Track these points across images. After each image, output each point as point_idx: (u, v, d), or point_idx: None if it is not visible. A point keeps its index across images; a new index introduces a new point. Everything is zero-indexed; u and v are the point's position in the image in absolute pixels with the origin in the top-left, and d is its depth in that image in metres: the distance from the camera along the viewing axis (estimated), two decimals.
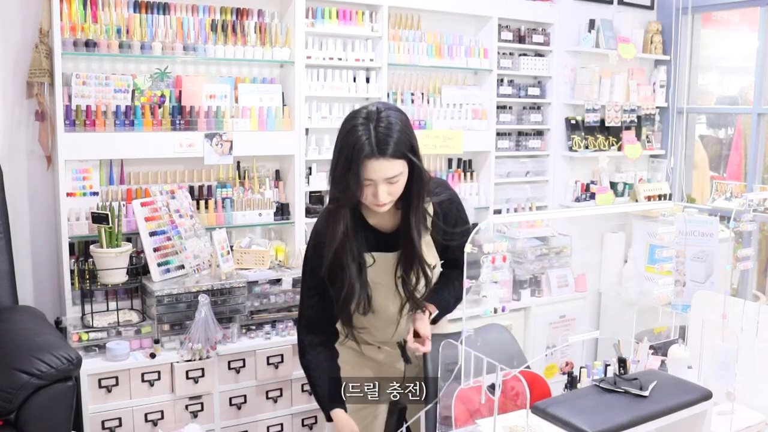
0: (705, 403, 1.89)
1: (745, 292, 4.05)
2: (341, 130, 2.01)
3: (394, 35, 3.75)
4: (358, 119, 1.98)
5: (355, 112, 2.04)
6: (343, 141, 1.98)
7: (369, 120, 1.97)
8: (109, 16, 3.08)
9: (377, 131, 1.95)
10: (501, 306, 1.75)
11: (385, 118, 1.97)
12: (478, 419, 1.83)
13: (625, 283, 4.45)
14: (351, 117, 2.02)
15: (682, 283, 2.26)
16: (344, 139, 1.98)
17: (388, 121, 1.97)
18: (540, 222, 4.20)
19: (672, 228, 2.19)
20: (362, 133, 1.95)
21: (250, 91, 3.41)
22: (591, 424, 1.70)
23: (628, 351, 2.23)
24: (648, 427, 1.76)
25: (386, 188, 1.99)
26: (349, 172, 1.96)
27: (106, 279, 2.95)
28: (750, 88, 4.59)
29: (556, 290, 4.17)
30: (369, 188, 2.00)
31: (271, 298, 3.23)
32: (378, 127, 1.95)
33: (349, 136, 1.97)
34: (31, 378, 2.37)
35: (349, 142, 1.96)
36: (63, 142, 2.97)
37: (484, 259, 1.69)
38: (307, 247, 2.24)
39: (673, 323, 2.31)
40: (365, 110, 2.01)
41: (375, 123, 1.96)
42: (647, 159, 4.86)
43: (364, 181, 1.97)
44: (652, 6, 4.80)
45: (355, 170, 1.95)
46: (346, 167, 1.96)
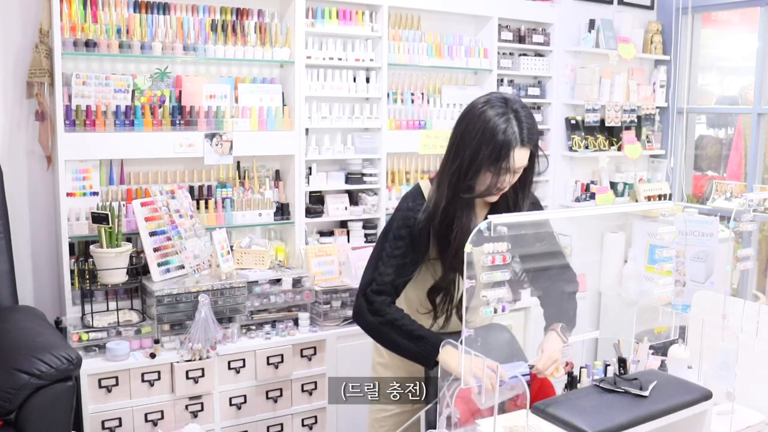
0: (705, 403, 1.89)
1: (745, 292, 4.05)
2: (473, 119, 1.99)
3: (394, 35, 3.75)
4: (496, 108, 1.96)
5: (485, 101, 2.00)
6: (485, 131, 1.95)
7: (509, 109, 1.96)
8: (109, 16, 3.08)
9: (524, 120, 1.94)
10: (501, 306, 1.74)
11: (522, 106, 1.97)
12: (478, 419, 1.83)
13: (625, 283, 4.45)
14: (483, 106, 1.99)
15: (682, 283, 2.26)
16: (486, 129, 1.95)
17: (528, 110, 1.98)
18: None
19: (672, 228, 2.19)
20: (511, 123, 1.93)
21: (250, 91, 3.41)
22: (591, 424, 1.70)
23: (628, 351, 2.24)
24: (648, 427, 1.76)
25: (513, 176, 1.99)
26: (497, 161, 1.94)
27: (106, 279, 2.95)
28: (750, 88, 4.59)
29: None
30: (503, 176, 1.98)
31: (271, 298, 3.23)
32: (521, 115, 1.95)
33: (493, 126, 1.94)
34: (31, 378, 2.37)
35: (495, 132, 1.93)
36: (63, 142, 2.97)
37: (484, 259, 1.69)
38: (398, 222, 2.16)
39: (673, 323, 2.31)
40: (498, 99, 1.99)
41: (516, 112, 1.95)
42: (647, 159, 4.86)
43: (509, 169, 1.96)
44: (652, 6, 4.80)
45: (505, 159, 1.93)
46: (494, 157, 1.94)
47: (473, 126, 1.98)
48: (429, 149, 3.77)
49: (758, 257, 4.65)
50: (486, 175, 1.99)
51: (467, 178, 2.00)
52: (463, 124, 2.03)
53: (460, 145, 2.01)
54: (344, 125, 3.64)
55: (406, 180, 3.86)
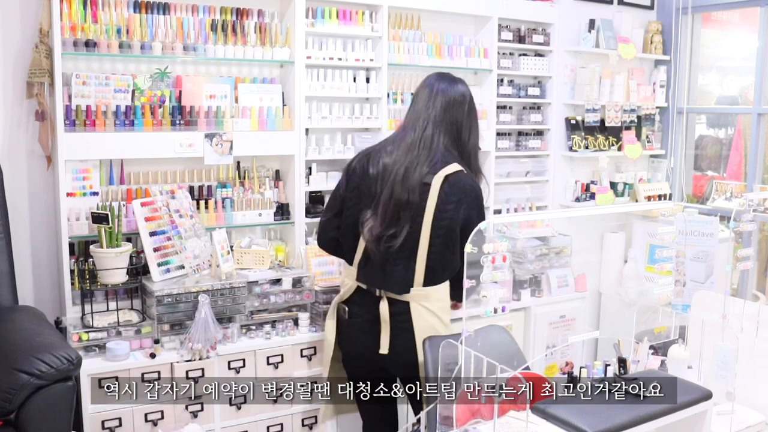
0: (705, 403, 1.89)
1: (745, 292, 4.05)
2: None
3: (394, 35, 3.75)
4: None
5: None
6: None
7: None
8: (109, 16, 3.08)
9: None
10: (501, 306, 1.75)
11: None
12: (478, 419, 1.83)
13: (625, 283, 4.45)
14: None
15: (682, 283, 2.26)
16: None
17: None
18: (540, 222, 4.20)
19: (672, 228, 2.20)
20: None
21: (250, 91, 3.41)
22: (591, 424, 1.70)
23: (628, 351, 2.24)
24: (648, 427, 1.77)
25: None
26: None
27: (106, 279, 2.95)
28: (750, 88, 4.60)
29: (556, 290, 4.17)
30: None
31: (271, 298, 3.23)
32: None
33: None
34: (31, 378, 2.37)
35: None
36: (63, 142, 2.97)
37: (484, 259, 1.69)
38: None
39: (673, 323, 2.32)
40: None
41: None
42: (647, 159, 4.86)
43: None
44: (652, 6, 4.80)
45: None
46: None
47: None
48: None
49: (758, 257, 4.66)
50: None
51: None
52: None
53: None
54: (344, 125, 3.64)
55: None
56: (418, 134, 2.60)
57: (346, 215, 2.73)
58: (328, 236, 2.85)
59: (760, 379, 2.14)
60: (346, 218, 2.73)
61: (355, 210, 2.70)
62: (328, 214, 2.84)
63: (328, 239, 2.85)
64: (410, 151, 2.59)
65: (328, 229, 2.83)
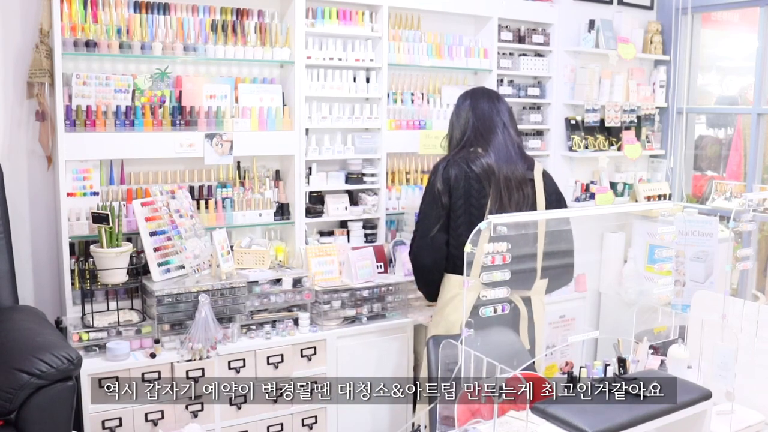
0: (705, 403, 1.90)
1: (745, 292, 4.05)
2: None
3: (394, 35, 3.75)
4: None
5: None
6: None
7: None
8: (110, 16, 3.09)
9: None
10: (501, 306, 1.75)
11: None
12: (478, 419, 1.83)
13: (625, 283, 4.45)
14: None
15: (681, 283, 2.27)
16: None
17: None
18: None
19: (672, 228, 2.20)
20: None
21: (250, 91, 3.41)
22: (591, 424, 1.70)
23: (628, 351, 2.24)
24: (648, 427, 1.77)
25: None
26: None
27: (106, 279, 2.95)
28: (750, 88, 4.60)
29: (556, 290, 4.16)
30: None
31: (271, 298, 3.23)
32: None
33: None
34: (31, 378, 2.37)
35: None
36: (63, 142, 2.97)
37: (484, 259, 1.69)
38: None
39: (673, 323, 2.32)
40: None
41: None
42: (647, 159, 4.86)
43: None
44: (651, 6, 4.81)
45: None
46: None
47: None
48: (429, 149, 3.77)
49: (758, 257, 4.66)
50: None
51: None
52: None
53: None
54: (344, 125, 3.64)
55: (406, 180, 3.87)
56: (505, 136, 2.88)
57: (458, 224, 2.77)
58: (440, 254, 2.81)
59: (760, 378, 2.14)
60: (458, 227, 2.77)
61: (465, 217, 2.75)
62: (432, 230, 2.79)
63: (441, 257, 2.82)
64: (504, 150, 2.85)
65: (440, 244, 2.80)
